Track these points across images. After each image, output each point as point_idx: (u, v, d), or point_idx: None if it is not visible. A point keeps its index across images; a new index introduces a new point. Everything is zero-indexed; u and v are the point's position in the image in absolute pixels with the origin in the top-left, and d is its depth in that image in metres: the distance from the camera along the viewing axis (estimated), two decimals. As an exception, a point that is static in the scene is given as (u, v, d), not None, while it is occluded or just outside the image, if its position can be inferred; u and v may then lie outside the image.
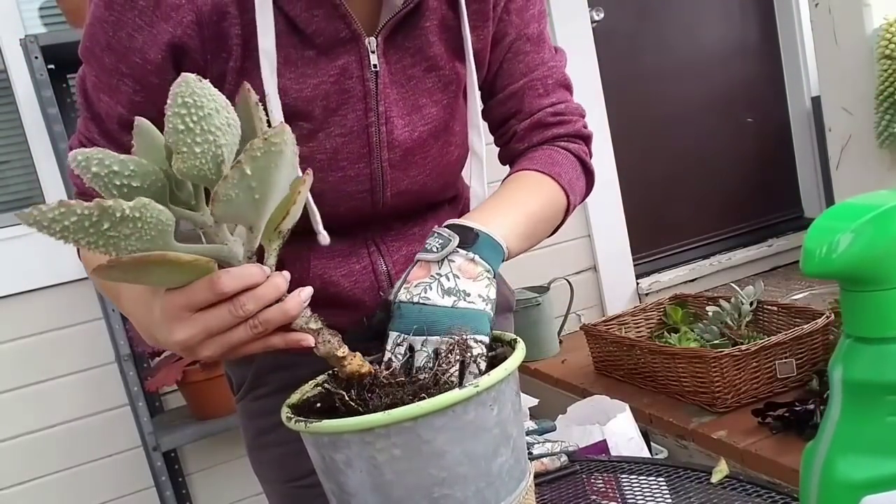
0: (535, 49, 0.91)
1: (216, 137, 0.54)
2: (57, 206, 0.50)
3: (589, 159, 0.95)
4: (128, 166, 0.53)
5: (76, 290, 2.06)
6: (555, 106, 0.93)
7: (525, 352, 0.67)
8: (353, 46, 0.79)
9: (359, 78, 0.80)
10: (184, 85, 0.52)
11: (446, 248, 0.70)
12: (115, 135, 0.78)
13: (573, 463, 1.02)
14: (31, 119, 2.02)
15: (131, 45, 0.74)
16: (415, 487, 0.60)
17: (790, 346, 1.74)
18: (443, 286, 0.69)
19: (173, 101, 0.52)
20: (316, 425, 0.60)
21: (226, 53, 0.76)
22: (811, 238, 0.49)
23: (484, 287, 0.70)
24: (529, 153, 0.92)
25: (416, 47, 0.83)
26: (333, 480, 0.62)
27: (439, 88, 0.86)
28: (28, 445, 2.05)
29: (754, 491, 0.88)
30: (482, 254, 0.71)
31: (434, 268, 0.70)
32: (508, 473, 0.64)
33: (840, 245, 0.47)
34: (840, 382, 0.51)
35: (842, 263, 0.47)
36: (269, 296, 0.60)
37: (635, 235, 2.83)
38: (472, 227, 0.73)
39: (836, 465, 0.51)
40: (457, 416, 0.59)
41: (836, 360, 0.51)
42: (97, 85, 0.78)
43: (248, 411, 0.98)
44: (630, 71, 2.92)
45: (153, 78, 0.75)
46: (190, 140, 0.53)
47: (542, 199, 0.86)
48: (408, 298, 0.69)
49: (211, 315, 0.60)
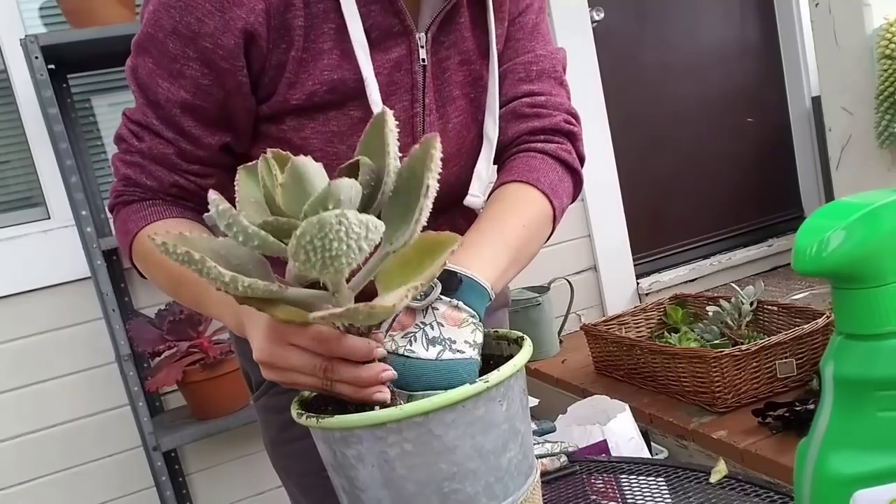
0: (527, 37, 0.92)
1: (338, 268, 0.54)
2: (185, 252, 0.53)
3: (573, 157, 0.92)
4: (252, 239, 0.55)
5: (76, 290, 2.06)
6: (534, 96, 0.91)
7: (532, 349, 0.67)
8: (403, 40, 0.82)
9: (408, 70, 0.83)
10: (316, 227, 0.50)
11: (429, 296, 0.68)
12: (177, 119, 0.79)
13: (573, 463, 1.02)
14: (31, 119, 2.02)
15: (201, 29, 0.74)
16: (426, 482, 0.60)
17: (790, 346, 1.74)
18: (427, 336, 0.68)
19: (301, 234, 0.51)
20: (327, 420, 0.60)
21: (286, 44, 0.78)
22: (802, 236, 0.49)
23: (469, 333, 0.69)
24: (507, 163, 0.91)
25: (452, 41, 0.86)
26: (344, 476, 0.63)
27: (469, 82, 0.89)
28: (28, 445, 2.05)
29: (753, 491, 0.88)
30: (466, 300, 0.70)
31: (419, 315, 0.69)
32: (517, 468, 0.65)
33: (831, 243, 0.48)
34: (831, 379, 0.51)
35: (832, 261, 0.48)
36: (362, 380, 0.61)
37: (635, 235, 2.83)
38: (456, 272, 0.71)
39: (827, 460, 0.51)
40: (467, 411, 0.60)
41: (828, 357, 0.52)
42: (154, 72, 0.78)
43: (271, 406, 0.98)
44: (630, 71, 2.92)
45: (223, 63, 0.76)
46: (309, 266, 0.53)
47: (526, 216, 0.84)
48: (393, 349, 0.67)
49: (299, 356, 0.62)
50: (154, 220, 0.82)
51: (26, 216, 2.10)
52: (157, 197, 0.83)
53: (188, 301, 0.81)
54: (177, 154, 0.81)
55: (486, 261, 0.76)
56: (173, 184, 0.82)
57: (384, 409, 0.60)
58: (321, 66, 0.79)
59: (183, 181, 0.83)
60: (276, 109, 0.81)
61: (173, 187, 0.82)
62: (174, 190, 0.83)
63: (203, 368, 1.92)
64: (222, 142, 0.82)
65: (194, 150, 0.81)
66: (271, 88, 0.80)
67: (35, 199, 2.12)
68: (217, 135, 0.81)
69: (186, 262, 0.54)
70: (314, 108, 0.80)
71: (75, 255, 2.00)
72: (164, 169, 0.82)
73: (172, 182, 0.82)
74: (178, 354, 1.90)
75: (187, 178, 0.83)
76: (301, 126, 0.81)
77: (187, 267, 0.54)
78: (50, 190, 2.07)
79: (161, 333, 1.91)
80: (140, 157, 0.82)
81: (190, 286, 0.77)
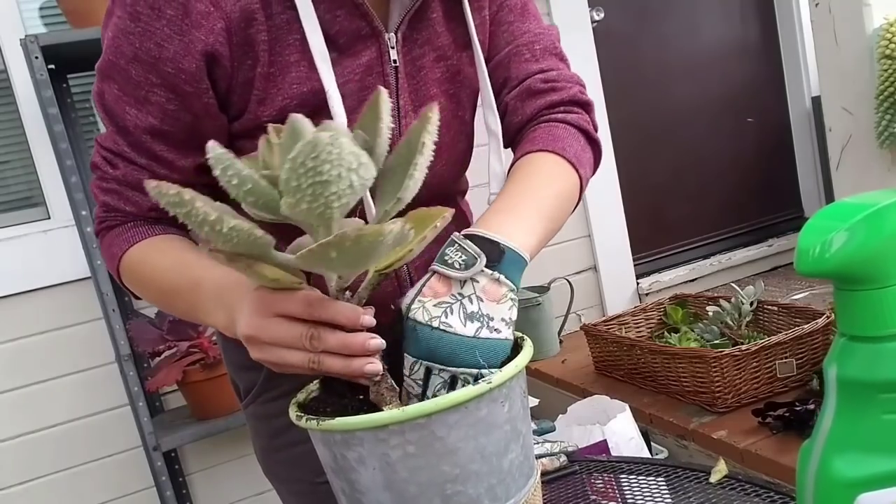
0: (520, 19, 0.90)
1: (328, 201, 0.53)
2: (176, 192, 0.53)
3: (592, 128, 0.91)
4: (246, 183, 0.54)
5: (76, 290, 2.06)
6: (545, 73, 0.89)
7: (533, 349, 0.66)
8: (373, 43, 0.80)
9: (379, 73, 0.81)
10: (310, 146, 0.50)
11: (472, 267, 0.65)
12: (147, 145, 0.78)
13: (573, 463, 1.02)
14: (31, 119, 2.02)
15: (161, 55, 0.73)
16: (428, 484, 0.60)
17: (790, 346, 1.74)
18: (465, 310, 0.64)
19: (295, 157, 0.51)
20: (328, 423, 0.59)
21: (251, 61, 0.76)
22: (805, 237, 0.49)
23: (507, 310, 0.65)
24: (529, 134, 0.88)
25: (425, 38, 0.84)
26: (344, 478, 0.62)
27: (447, 78, 0.87)
28: (28, 445, 2.05)
29: (753, 491, 0.88)
30: (507, 272, 0.66)
31: (456, 286, 0.65)
32: (518, 470, 0.64)
33: (834, 244, 0.47)
34: (835, 381, 0.51)
35: (835, 262, 0.48)
36: (352, 347, 0.60)
37: (635, 235, 2.83)
38: (498, 242, 0.67)
39: (831, 463, 0.51)
40: (470, 412, 0.59)
41: (831, 359, 0.52)
42: (121, 98, 0.77)
43: (260, 414, 0.97)
44: (630, 71, 2.92)
45: (186, 87, 0.75)
46: (300, 196, 0.53)
47: (556, 185, 0.81)
48: (426, 320, 0.64)
49: (285, 327, 0.60)
50: (138, 240, 0.81)
51: (26, 216, 2.10)
52: (138, 219, 0.82)
53: (182, 311, 0.79)
54: (152, 179, 0.80)
55: (524, 232, 0.72)
56: (152, 207, 0.80)
57: (386, 411, 0.60)
58: (289, 79, 0.77)
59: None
60: (248, 127, 0.79)
61: (152, 210, 0.81)
62: (154, 213, 0.81)
63: (203, 368, 1.92)
64: (196, 162, 0.80)
65: (169, 173, 0.79)
66: (241, 106, 0.78)
67: (35, 199, 2.11)
68: (190, 157, 0.79)
69: (177, 203, 0.53)
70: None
71: (75, 255, 2.00)
72: (140, 194, 0.80)
73: (150, 206, 0.80)
74: (178, 354, 1.90)
75: None
76: None
77: (176, 210, 0.53)
78: (50, 190, 2.07)
79: (161, 333, 1.91)
80: (116, 184, 0.80)
81: (183, 294, 0.76)
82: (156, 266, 0.79)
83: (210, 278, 0.73)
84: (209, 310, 0.72)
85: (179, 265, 0.77)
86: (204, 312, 0.74)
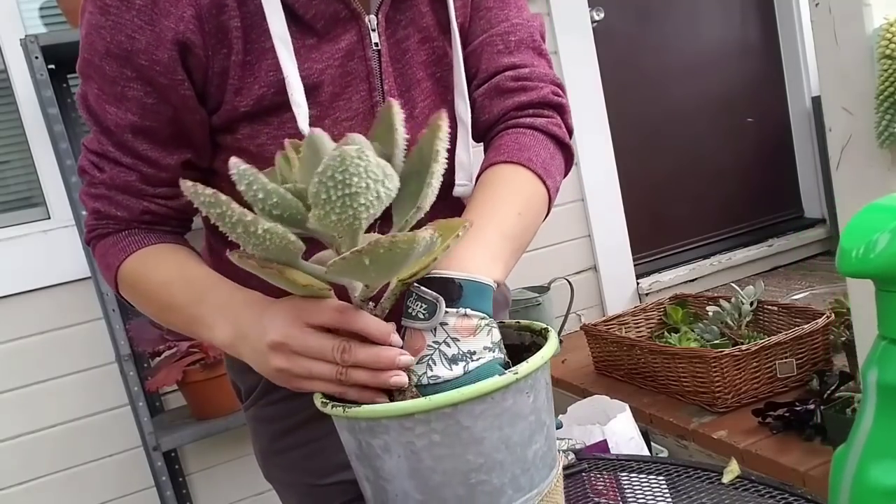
0: (499, 5, 0.86)
1: (357, 212, 0.54)
2: (212, 193, 0.54)
3: (563, 132, 0.87)
4: (272, 196, 0.56)
5: (76, 290, 2.06)
6: (517, 69, 0.85)
7: (558, 341, 0.67)
8: (353, 26, 0.78)
9: (361, 58, 0.79)
10: (338, 159, 0.52)
11: (435, 314, 0.64)
12: (130, 144, 0.77)
13: (580, 461, 1.02)
14: (31, 119, 2.02)
15: (133, 47, 0.72)
16: (452, 473, 0.60)
17: (790, 346, 1.74)
18: (445, 355, 0.64)
19: (323, 170, 0.52)
20: (354, 410, 0.60)
21: (226, 49, 0.74)
22: (847, 237, 0.48)
23: (486, 336, 0.65)
24: (496, 140, 0.85)
25: (409, 19, 0.82)
26: (369, 466, 0.63)
27: (433, 61, 0.84)
28: (28, 445, 2.05)
29: (767, 492, 0.86)
30: (472, 304, 0.65)
31: (429, 336, 0.64)
32: (542, 460, 0.65)
33: (878, 245, 0.46)
34: (874, 385, 0.49)
35: (879, 263, 0.46)
36: (383, 361, 0.61)
37: (635, 235, 2.83)
38: (454, 279, 0.66)
39: (868, 470, 0.49)
40: (496, 402, 0.60)
41: (870, 363, 0.50)
42: (100, 97, 0.75)
43: (262, 417, 0.96)
44: (630, 71, 2.92)
45: (162, 79, 0.73)
46: (329, 208, 0.54)
47: (521, 202, 0.79)
48: (415, 382, 0.64)
49: (317, 337, 0.61)
50: (134, 250, 0.79)
51: (26, 216, 2.10)
52: (132, 226, 0.81)
53: (181, 325, 0.78)
54: (140, 180, 0.79)
55: (485, 257, 0.71)
56: (144, 211, 0.80)
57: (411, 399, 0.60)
58: (265, 66, 0.75)
59: (153, 206, 0.80)
60: (227, 118, 0.77)
61: (145, 214, 0.80)
62: (146, 217, 0.80)
63: (203, 368, 1.92)
64: (182, 159, 0.79)
65: (156, 172, 0.78)
66: (218, 97, 0.77)
67: (35, 199, 2.11)
68: (175, 154, 0.78)
69: (212, 203, 0.54)
70: (265, 112, 0.77)
71: (75, 255, 2.01)
72: (130, 197, 0.79)
73: (142, 209, 0.80)
74: (178, 354, 1.90)
75: (156, 202, 0.80)
76: (255, 133, 0.78)
77: (210, 210, 0.54)
78: (50, 190, 2.07)
79: (161, 333, 1.91)
80: (105, 188, 0.79)
81: (184, 308, 0.75)
82: (155, 279, 0.78)
83: (217, 294, 0.73)
84: (213, 324, 0.72)
85: (181, 279, 0.77)
86: (207, 327, 0.73)
